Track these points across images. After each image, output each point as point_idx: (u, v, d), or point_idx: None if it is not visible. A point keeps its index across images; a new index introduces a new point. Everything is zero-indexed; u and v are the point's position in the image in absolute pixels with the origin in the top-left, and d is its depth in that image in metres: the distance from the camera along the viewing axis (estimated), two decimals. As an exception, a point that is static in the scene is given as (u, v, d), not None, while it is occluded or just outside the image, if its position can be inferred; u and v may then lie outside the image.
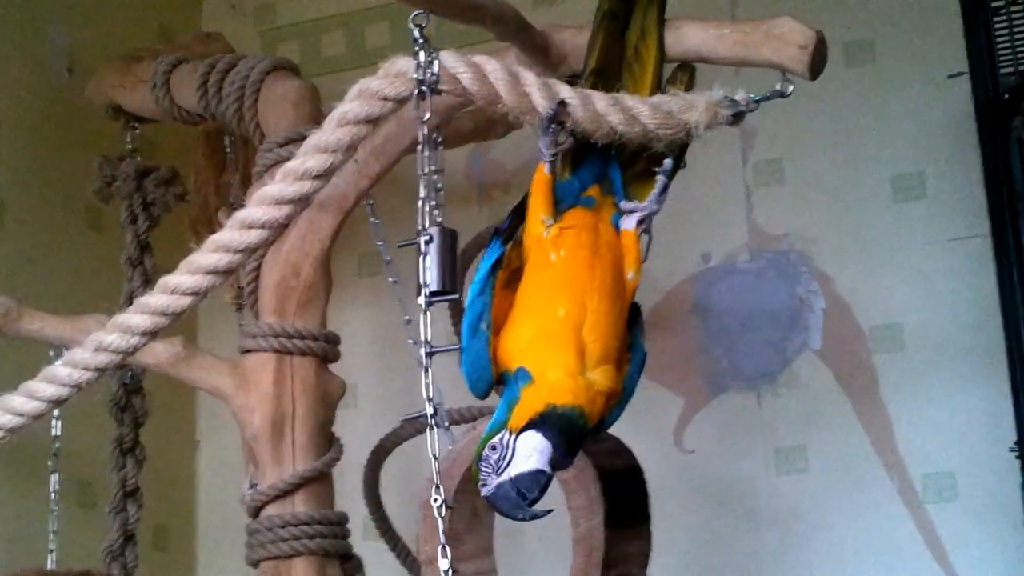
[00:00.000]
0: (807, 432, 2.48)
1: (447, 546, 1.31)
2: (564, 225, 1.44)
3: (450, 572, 1.31)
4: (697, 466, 2.54)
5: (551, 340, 1.37)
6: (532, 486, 1.31)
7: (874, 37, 2.56)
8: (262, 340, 1.90)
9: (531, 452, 1.31)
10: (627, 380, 1.44)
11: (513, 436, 1.33)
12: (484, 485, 1.33)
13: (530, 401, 1.34)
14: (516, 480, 1.31)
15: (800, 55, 1.52)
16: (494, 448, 1.33)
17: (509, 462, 1.32)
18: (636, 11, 1.61)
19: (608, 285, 1.42)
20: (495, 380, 1.42)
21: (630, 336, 1.46)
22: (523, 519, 1.33)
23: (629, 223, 1.48)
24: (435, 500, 1.32)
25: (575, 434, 1.34)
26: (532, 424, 1.33)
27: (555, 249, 1.42)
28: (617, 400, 1.42)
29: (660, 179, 1.47)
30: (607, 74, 1.58)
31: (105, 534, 2.25)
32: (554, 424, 1.32)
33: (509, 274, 1.46)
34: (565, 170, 1.53)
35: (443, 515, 1.32)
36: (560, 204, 1.46)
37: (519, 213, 1.49)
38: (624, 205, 1.48)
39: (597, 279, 1.41)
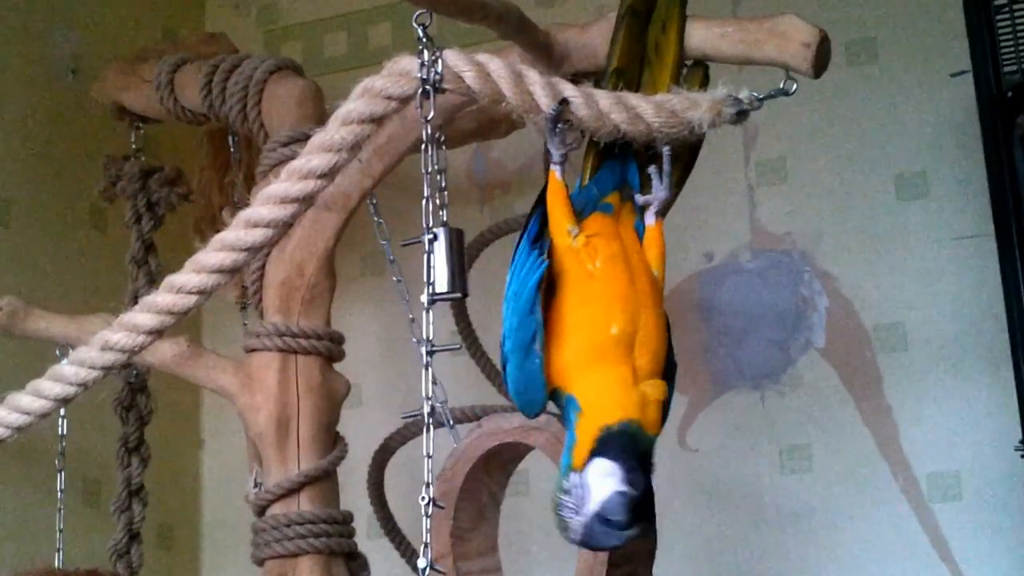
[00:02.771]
0: (811, 431, 2.48)
1: (439, 546, 1.30)
2: (589, 233, 1.41)
3: (427, 571, 1.31)
4: (701, 465, 2.54)
5: (601, 360, 1.35)
6: (616, 511, 1.28)
7: (876, 36, 2.56)
8: (266, 339, 1.91)
9: (603, 480, 1.28)
10: (665, 407, 1.41)
11: (581, 473, 1.30)
12: (572, 531, 1.30)
13: (586, 434, 1.31)
14: (600, 513, 1.28)
15: (804, 53, 1.52)
16: (568, 492, 1.30)
17: (585, 499, 1.29)
18: (658, 6, 1.60)
19: (650, 296, 1.40)
20: (547, 401, 1.39)
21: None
22: (619, 544, 1.30)
23: (650, 218, 1.46)
24: (423, 498, 1.31)
25: (639, 447, 1.31)
26: (594, 454, 1.30)
27: (590, 260, 1.39)
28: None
29: (663, 164, 1.45)
30: (629, 73, 1.56)
31: (111, 533, 2.26)
32: (615, 443, 1.29)
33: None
34: (586, 175, 1.52)
35: (430, 514, 1.32)
36: (580, 212, 1.44)
37: (541, 216, 1.45)
38: (638, 199, 1.47)
39: (642, 291, 1.39)
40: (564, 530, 1.32)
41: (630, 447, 1.30)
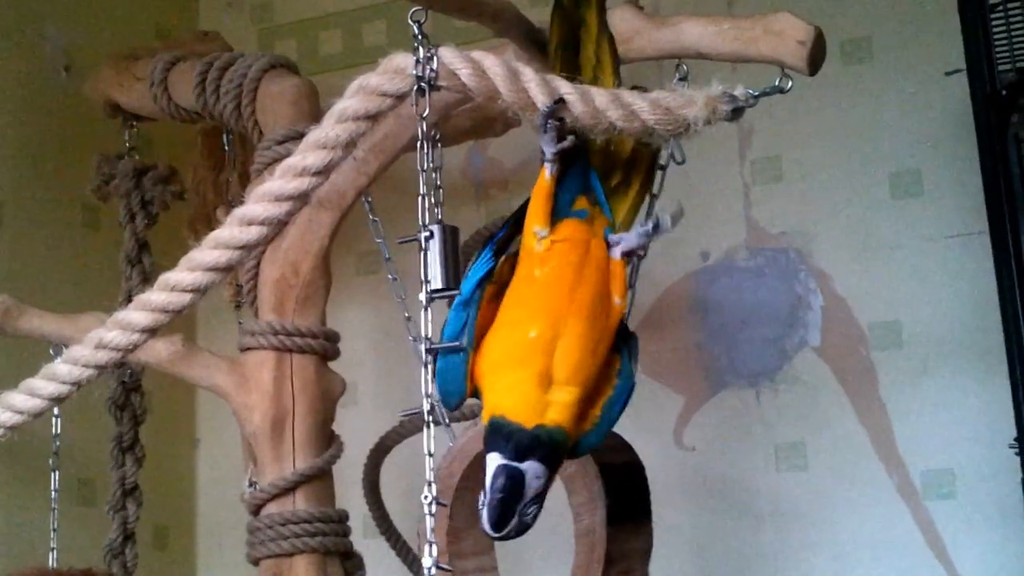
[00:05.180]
0: (806, 429, 2.48)
1: (441, 544, 1.30)
2: (556, 238, 1.41)
3: (432, 570, 1.31)
4: (697, 463, 2.54)
5: (514, 362, 1.35)
6: (497, 488, 1.28)
7: (871, 34, 2.56)
8: (261, 338, 1.90)
9: (488, 466, 1.30)
10: (607, 406, 1.40)
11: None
12: (481, 520, 1.31)
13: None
14: (488, 499, 1.29)
15: (799, 50, 1.52)
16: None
17: (483, 490, 1.30)
18: (584, 32, 1.62)
19: (588, 307, 1.38)
20: (468, 394, 1.40)
21: (619, 363, 1.43)
22: (514, 524, 1.30)
23: (615, 253, 1.45)
24: (426, 497, 1.31)
25: (520, 441, 1.30)
26: (484, 442, 1.32)
27: (541, 265, 1.40)
28: (594, 424, 1.39)
29: (651, 223, 1.45)
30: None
31: (105, 533, 2.25)
32: (495, 433, 1.31)
33: (499, 287, 1.43)
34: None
35: (433, 512, 1.32)
36: (555, 215, 1.44)
37: (518, 222, 1.46)
38: (611, 238, 1.47)
39: (576, 301, 1.38)
40: (482, 524, 1.32)
41: (507, 434, 1.30)
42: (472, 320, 1.39)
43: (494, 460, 1.30)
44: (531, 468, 1.29)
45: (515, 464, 1.29)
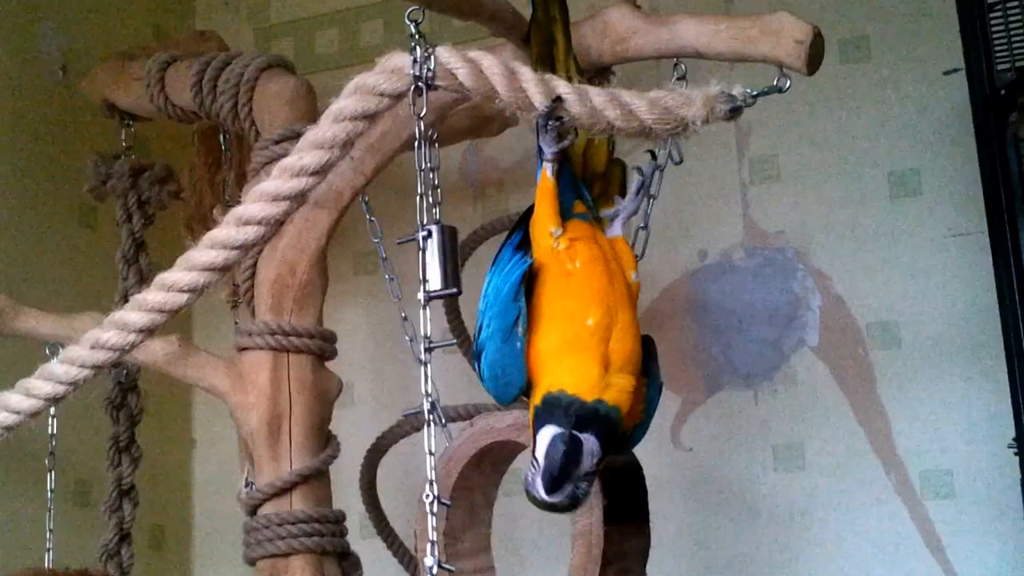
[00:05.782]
0: (804, 429, 2.48)
1: (439, 544, 1.30)
2: (571, 236, 1.44)
3: (435, 570, 1.30)
4: (695, 464, 2.54)
5: (574, 348, 1.36)
6: (554, 452, 1.29)
7: (869, 33, 2.55)
8: (258, 338, 1.90)
9: (542, 438, 1.31)
10: (648, 406, 1.45)
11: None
12: (530, 488, 1.32)
13: (534, 404, 1.34)
14: (543, 465, 1.29)
15: (797, 50, 1.52)
16: (529, 465, 1.33)
17: (535, 457, 1.31)
18: (557, 61, 1.65)
19: (626, 297, 1.42)
20: (527, 385, 1.40)
21: (644, 364, 1.45)
22: (563, 500, 1.30)
23: (616, 229, 1.49)
24: (427, 496, 1.31)
25: (580, 412, 1.31)
26: (536, 421, 1.32)
27: (570, 260, 1.42)
28: (637, 423, 1.42)
29: (636, 177, 1.47)
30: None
31: (101, 533, 2.25)
32: (551, 406, 1.32)
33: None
34: None
35: (434, 512, 1.31)
36: (562, 216, 1.46)
37: (525, 222, 1.48)
38: (605, 213, 1.49)
39: (617, 291, 1.41)
40: (529, 493, 1.33)
41: (568, 409, 1.31)
42: (524, 312, 1.39)
43: (548, 432, 1.30)
44: (588, 440, 1.30)
45: (574, 432, 1.29)
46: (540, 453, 1.30)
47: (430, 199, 1.42)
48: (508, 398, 1.42)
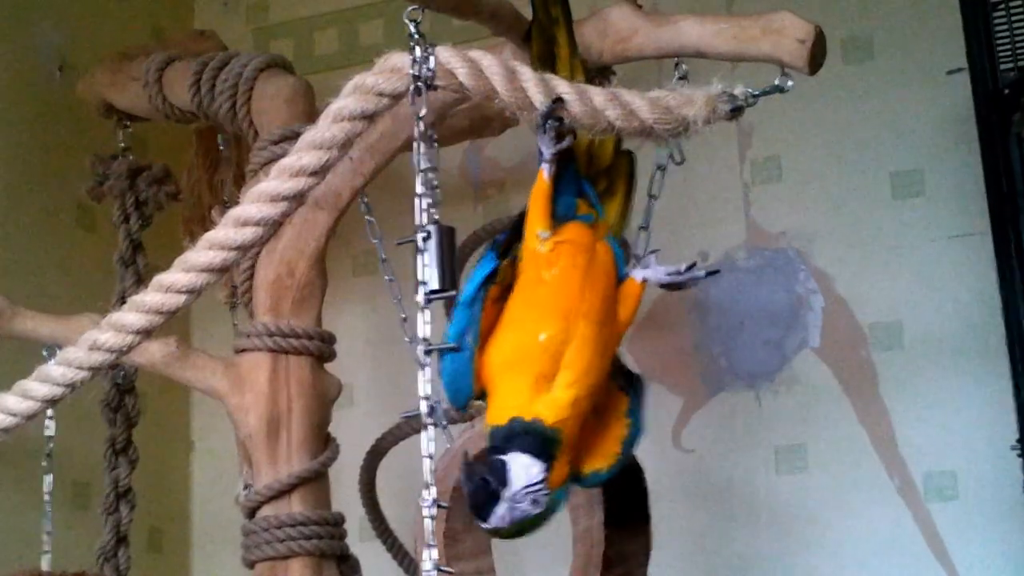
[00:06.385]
0: (806, 431, 2.47)
1: (436, 547, 1.29)
2: (560, 239, 1.41)
3: (433, 573, 1.30)
4: (696, 465, 2.53)
5: (520, 363, 1.36)
6: (467, 484, 1.30)
7: (872, 33, 2.54)
8: (257, 339, 1.89)
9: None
10: (626, 444, 1.43)
11: None
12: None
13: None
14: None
15: (799, 49, 1.51)
16: None
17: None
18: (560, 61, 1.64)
19: (596, 311, 1.39)
20: (475, 396, 1.41)
21: (628, 401, 1.45)
22: (500, 524, 1.30)
23: (636, 274, 1.47)
24: (423, 500, 1.30)
25: (493, 432, 1.33)
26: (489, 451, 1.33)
27: (548, 267, 1.40)
28: (616, 460, 1.41)
29: (684, 265, 1.47)
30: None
31: (99, 536, 2.24)
32: (489, 437, 1.33)
33: (502, 289, 1.43)
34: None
35: (433, 516, 1.30)
36: (562, 216, 1.44)
37: (518, 228, 1.46)
38: (636, 269, 1.47)
39: (586, 304, 1.38)
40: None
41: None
42: (477, 320, 1.39)
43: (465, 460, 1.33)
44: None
45: (495, 456, 1.30)
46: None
47: (429, 200, 1.40)
48: (459, 404, 1.42)
